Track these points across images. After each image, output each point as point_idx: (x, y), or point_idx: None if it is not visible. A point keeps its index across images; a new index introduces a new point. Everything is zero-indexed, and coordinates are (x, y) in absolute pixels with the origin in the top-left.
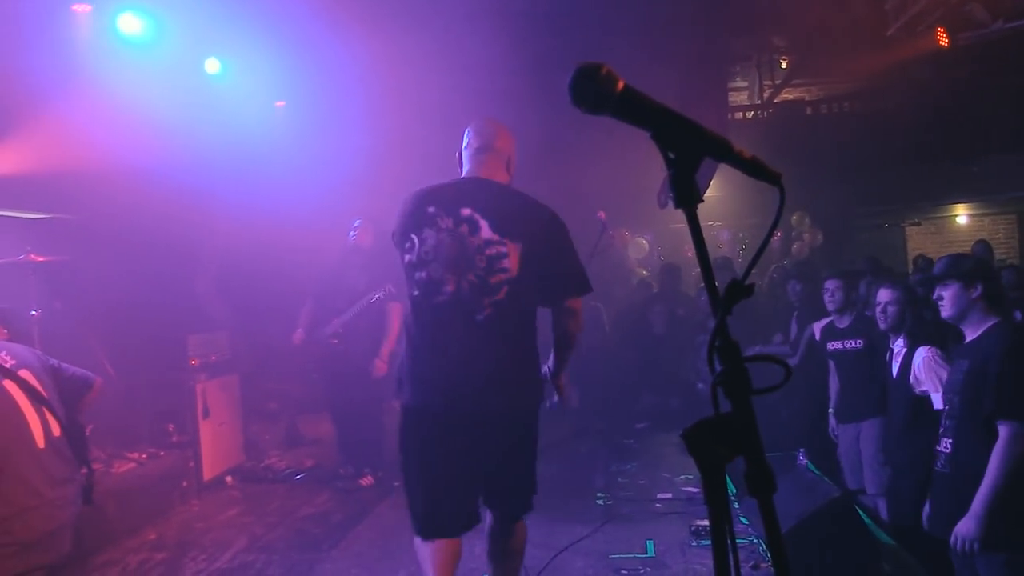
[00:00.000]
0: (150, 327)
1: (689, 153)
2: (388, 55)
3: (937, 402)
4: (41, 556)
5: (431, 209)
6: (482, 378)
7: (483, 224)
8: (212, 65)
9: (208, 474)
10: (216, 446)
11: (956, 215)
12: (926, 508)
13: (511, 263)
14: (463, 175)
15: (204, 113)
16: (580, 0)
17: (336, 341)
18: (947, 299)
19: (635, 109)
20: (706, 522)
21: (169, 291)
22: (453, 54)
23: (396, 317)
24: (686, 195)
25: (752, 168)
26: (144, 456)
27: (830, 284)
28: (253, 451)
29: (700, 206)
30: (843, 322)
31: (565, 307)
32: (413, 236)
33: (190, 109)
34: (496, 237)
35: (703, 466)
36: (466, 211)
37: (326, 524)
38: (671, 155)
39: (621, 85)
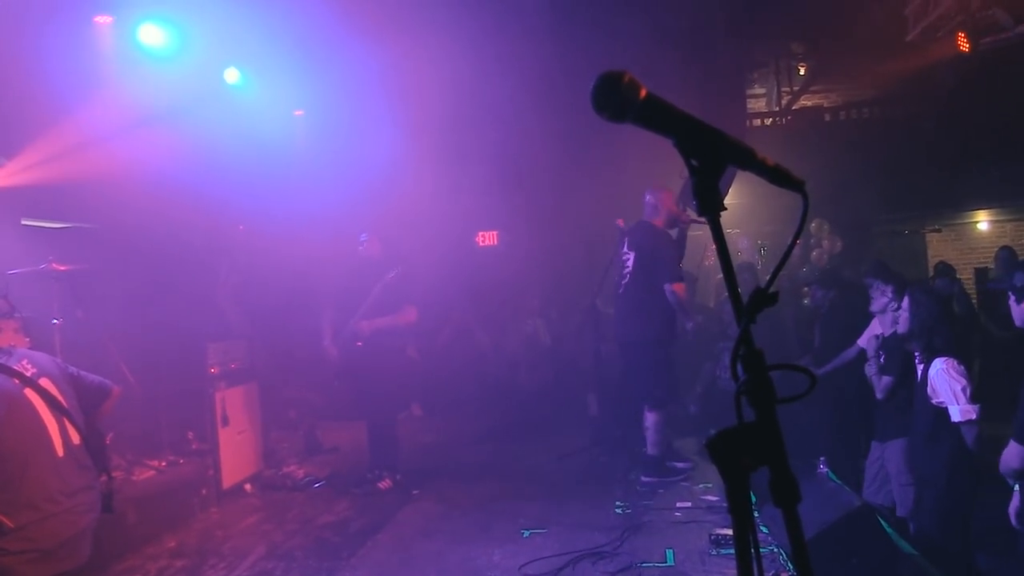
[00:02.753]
0: (170, 335)
1: (712, 160)
2: (407, 64)
3: (955, 415)
4: (61, 563)
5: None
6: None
7: (626, 242)
8: (232, 75)
9: (227, 482)
10: (235, 454)
11: (977, 221)
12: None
13: (630, 263)
14: None
15: (224, 122)
16: (600, 10)
17: (360, 344)
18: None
19: (657, 116)
20: (726, 531)
21: (189, 299)
22: (473, 64)
23: (410, 318)
24: (709, 202)
25: (775, 175)
26: (164, 464)
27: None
28: (272, 459)
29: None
30: None
31: (666, 288)
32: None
33: (210, 118)
34: (627, 251)
35: (727, 475)
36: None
37: (345, 532)
38: (694, 162)
39: (644, 93)
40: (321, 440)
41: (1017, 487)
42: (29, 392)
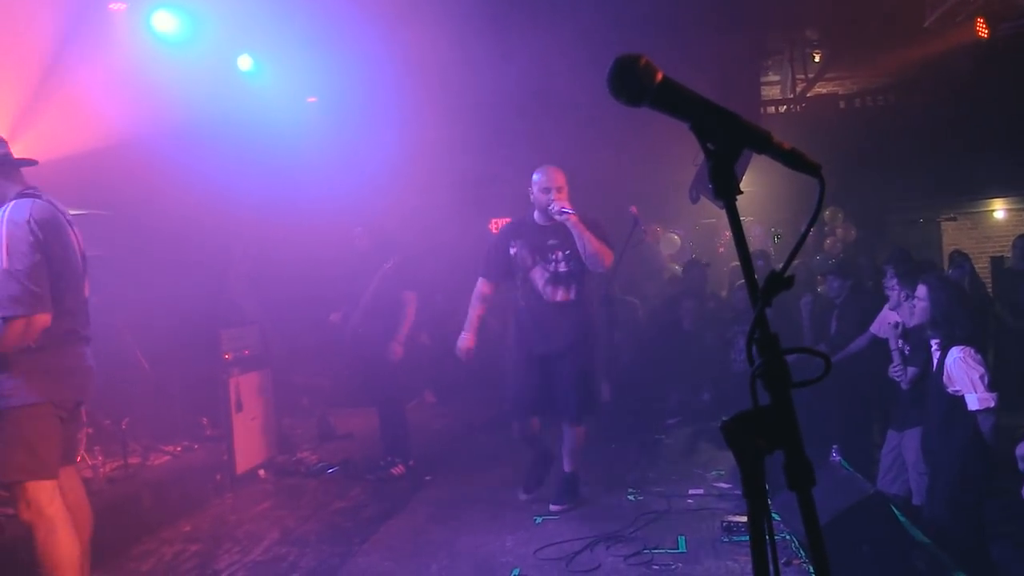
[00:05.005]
0: (184, 321)
1: (728, 144)
2: (420, 52)
3: (972, 403)
4: (72, 391)
5: None
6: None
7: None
8: (245, 62)
9: (241, 467)
10: (249, 440)
11: (994, 209)
12: None
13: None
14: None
15: (237, 109)
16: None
17: (361, 329)
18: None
19: (674, 100)
20: (738, 518)
21: (203, 286)
22: (486, 52)
23: (411, 306)
24: (726, 186)
25: (791, 159)
26: (179, 449)
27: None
28: (285, 445)
29: None
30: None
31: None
32: None
33: (223, 105)
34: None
35: (742, 458)
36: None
37: (358, 518)
38: (710, 146)
39: (660, 76)
40: (334, 426)
41: None
42: (69, 230)
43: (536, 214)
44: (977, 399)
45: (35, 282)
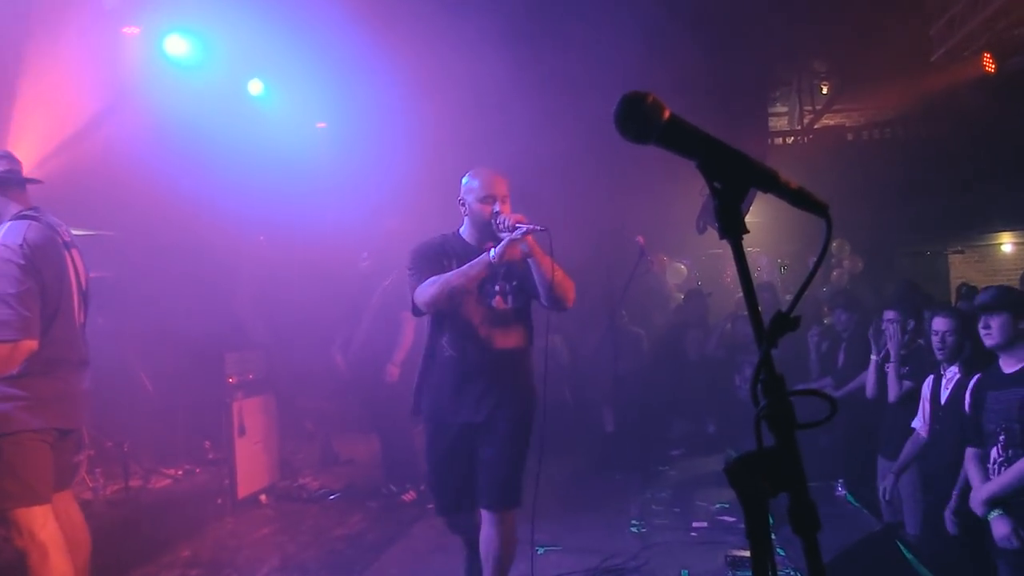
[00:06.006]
0: (189, 344)
1: (735, 183)
2: (429, 78)
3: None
4: (58, 419)
5: None
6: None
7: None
8: (255, 86)
9: (242, 492)
10: (251, 464)
11: (1001, 243)
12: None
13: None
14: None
15: (247, 133)
16: (622, 25)
17: (362, 352)
18: (995, 328)
19: (681, 138)
20: (742, 552)
21: (208, 309)
22: (494, 78)
23: (409, 327)
24: (732, 225)
25: (799, 199)
26: (180, 472)
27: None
28: (287, 470)
29: None
30: None
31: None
32: None
33: (233, 129)
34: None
35: (745, 501)
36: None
37: (359, 545)
38: (717, 185)
39: (667, 114)
40: (337, 452)
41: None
42: (65, 253)
43: (466, 231)
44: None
45: (26, 307)
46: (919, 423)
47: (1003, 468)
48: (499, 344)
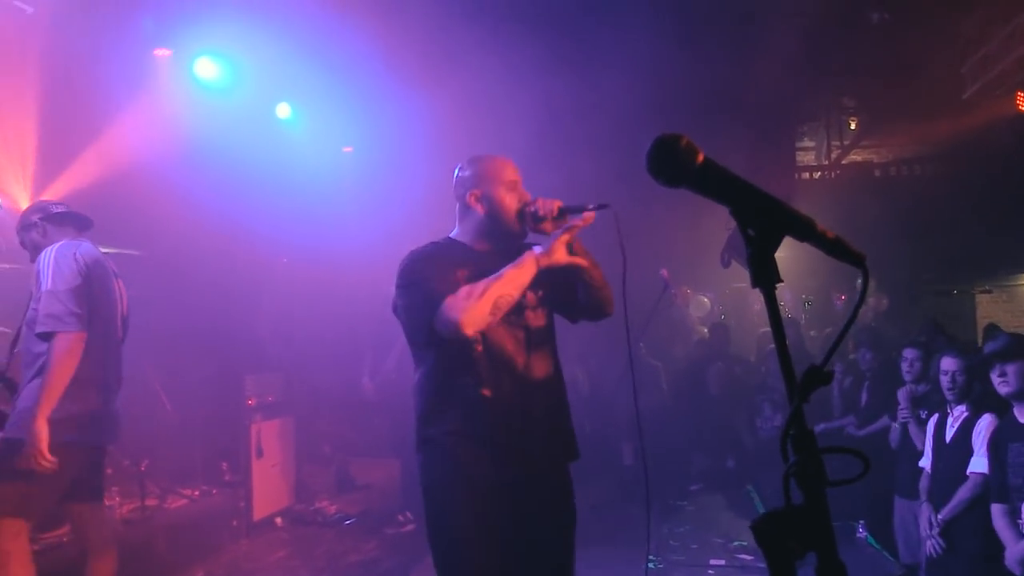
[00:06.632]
0: (209, 365)
1: (770, 231)
2: (455, 102)
3: (982, 465)
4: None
5: None
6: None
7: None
8: (283, 110)
9: (258, 514)
10: (267, 487)
11: None
12: None
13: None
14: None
15: (274, 156)
16: (649, 55)
17: (392, 376)
18: (1011, 376)
19: (715, 183)
20: None
21: (230, 330)
22: (520, 104)
23: None
24: (764, 274)
25: (836, 248)
26: (197, 493)
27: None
28: (304, 494)
29: None
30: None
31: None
32: None
33: (260, 152)
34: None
35: (772, 560)
36: None
37: (374, 572)
38: (751, 232)
39: (701, 158)
40: (354, 476)
41: None
42: (113, 279)
43: (468, 234)
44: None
45: (76, 303)
46: (926, 462)
47: None
48: (538, 374)
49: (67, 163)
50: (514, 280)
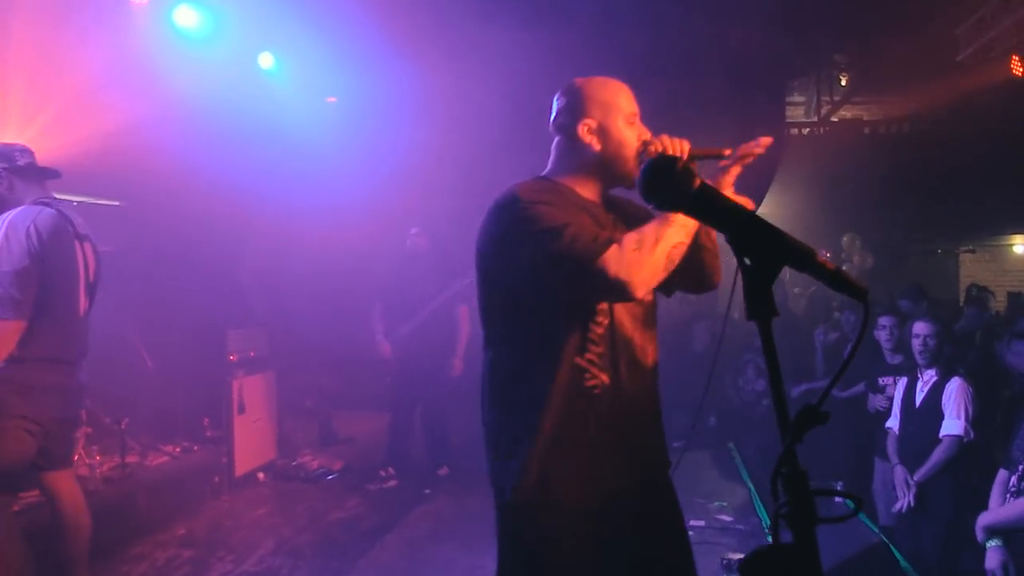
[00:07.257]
0: (190, 320)
1: (767, 261)
2: (442, 53)
3: (956, 428)
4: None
5: None
6: None
7: None
8: (266, 60)
9: (240, 470)
10: (249, 442)
11: (1013, 244)
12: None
13: None
14: None
15: (256, 107)
16: (642, 10)
17: (412, 341)
18: None
19: (711, 209)
20: (738, 555)
21: (211, 285)
22: (511, 55)
23: (465, 320)
24: (761, 306)
25: (835, 280)
26: (178, 450)
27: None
28: (286, 448)
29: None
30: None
31: None
32: None
33: (242, 103)
34: None
35: None
36: None
37: (354, 531)
38: (747, 261)
39: (698, 183)
40: (336, 430)
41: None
42: (76, 244)
43: (575, 175)
44: (959, 426)
45: (19, 287)
46: (894, 423)
47: (1015, 498)
48: (652, 359)
49: (41, 112)
50: (685, 226)
